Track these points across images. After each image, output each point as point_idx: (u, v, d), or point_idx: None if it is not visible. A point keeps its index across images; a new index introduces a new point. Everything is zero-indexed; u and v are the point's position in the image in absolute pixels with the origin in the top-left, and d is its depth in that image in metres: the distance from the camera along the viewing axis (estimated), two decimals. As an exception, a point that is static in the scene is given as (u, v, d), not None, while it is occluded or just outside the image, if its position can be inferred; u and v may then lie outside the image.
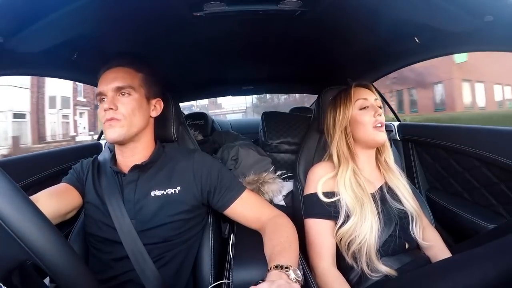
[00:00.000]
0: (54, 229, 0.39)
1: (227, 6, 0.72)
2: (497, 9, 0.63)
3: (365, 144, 0.84)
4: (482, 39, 0.78)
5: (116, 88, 0.70)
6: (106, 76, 0.72)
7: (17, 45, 0.69)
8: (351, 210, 0.75)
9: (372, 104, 0.84)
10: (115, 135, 0.68)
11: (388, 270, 0.70)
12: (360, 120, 0.82)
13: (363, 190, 0.77)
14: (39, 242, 0.36)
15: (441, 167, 1.20)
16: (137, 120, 0.71)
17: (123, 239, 0.65)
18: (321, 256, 0.74)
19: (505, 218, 0.94)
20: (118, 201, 0.69)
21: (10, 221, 0.35)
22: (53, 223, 0.59)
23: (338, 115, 0.86)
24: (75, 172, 0.78)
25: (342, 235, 0.74)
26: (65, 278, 0.38)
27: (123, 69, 0.72)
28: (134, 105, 0.70)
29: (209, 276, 0.75)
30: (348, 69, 1.43)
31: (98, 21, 0.74)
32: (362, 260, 0.71)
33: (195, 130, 1.59)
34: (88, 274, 0.41)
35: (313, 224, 0.79)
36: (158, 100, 0.79)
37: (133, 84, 0.72)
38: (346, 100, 0.85)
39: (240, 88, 2.06)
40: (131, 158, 0.74)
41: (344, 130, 0.85)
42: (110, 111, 0.68)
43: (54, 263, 0.37)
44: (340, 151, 0.84)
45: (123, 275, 0.66)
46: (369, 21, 0.84)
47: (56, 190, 0.71)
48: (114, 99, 0.69)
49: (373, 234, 0.72)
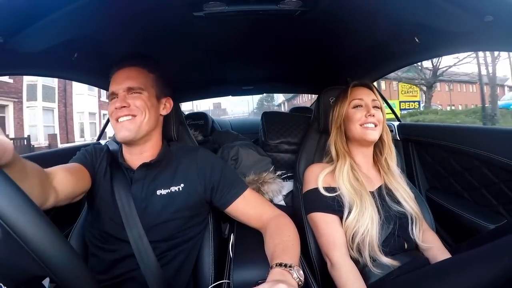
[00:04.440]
0: (72, 248, 0.40)
1: (227, 6, 0.72)
2: (497, 9, 0.63)
3: (356, 141, 0.86)
4: (482, 39, 0.78)
5: (128, 88, 0.70)
6: (119, 75, 0.72)
7: (17, 45, 0.69)
8: (351, 203, 0.76)
9: (367, 104, 0.85)
10: (126, 134, 0.69)
11: (390, 262, 0.71)
12: (351, 117, 0.85)
13: (361, 184, 0.79)
14: (60, 263, 0.37)
15: (441, 167, 1.20)
16: (148, 118, 0.71)
17: (130, 236, 0.65)
18: (335, 245, 0.74)
19: (505, 218, 0.94)
20: (128, 197, 0.69)
21: (32, 244, 0.35)
22: (63, 203, 0.59)
23: (335, 112, 0.90)
24: (88, 154, 0.74)
25: (347, 228, 0.75)
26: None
27: (135, 69, 0.73)
28: (145, 104, 0.71)
29: (209, 276, 0.75)
30: (348, 69, 1.43)
31: (98, 21, 0.74)
32: (365, 252, 0.72)
33: (195, 130, 1.59)
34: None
35: (321, 216, 0.79)
36: (168, 99, 0.80)
37: (145, 85, 0.72)
38: (343, 98, 0.88)
39: (240, 88, 2.06)
40: (139, 156, 0.74)
41: (339, 127, 0.88)
42: (124, 109, 0.68)
43: (72, 282, 0.38)
44: (338, 146, 0.87)
45: (126, 274, 0.66)
46: (369, 21, 0.84)
47: (71, 169, 0.66)
48: (125, 97, 0.70)
49: (374, 225, 0.73)
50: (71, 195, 0.62)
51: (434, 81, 10.35)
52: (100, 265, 0.68)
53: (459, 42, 0.87)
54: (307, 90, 2.34)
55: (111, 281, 0.66)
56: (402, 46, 1.03)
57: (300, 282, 0.52)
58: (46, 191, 0.53)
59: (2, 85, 10.39)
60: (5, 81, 10.44)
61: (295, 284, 0.50)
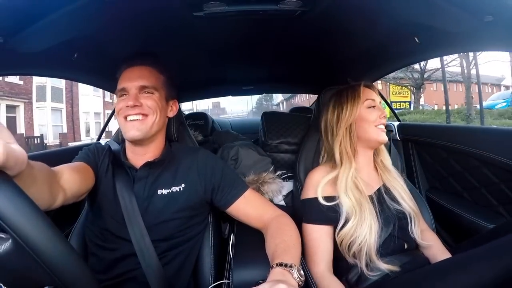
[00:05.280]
0: (82, 260, 0.40)
1: (227, 6, 0.72)
2: (497, 9, 0.63)
3: (367, 143, 0.84)
4: (482, 39, 0.78)
5: (141, 86, 0.70)
6: (130, 73, 0.72)
7: (17, 45, 0.69)
8: (350, 212, 0.75)
9: (378, 105, 0.84)
10: (136, 133, 0.69)
11: (389, 267, 0.70)
12: (366, 118, 0.82)
13: (361, 192, 0.78)
14: (68, 272, 0.37)
15: (441, 167, 1.20)
16: (158, 120, 0.72)
17: (131, 234, 0.65)
18: (315, 261, 0.75)
19: (505, 218, 0.94)
20: (131, 196, 0.69)
21: (44, 256, 0.35)
22: (70, 202, 0.60)
23: (344, 112, 0.84)
24: (90, 153, 0.75)
25: (343, 237, 0.74)
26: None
27: (147, 68, 0.73)
28: (157, 104, 0.71)
29: (209, 276, 0.75)
30: (348, 69, 1.43)
31: (98, 21, 0.74)
32: (362, 260, 0.71)
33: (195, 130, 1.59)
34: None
35: (311, 230, 0.78)
36: (174, 101, 0.81)
37: (157, 86, 0.72)
38: (354, 97, 0.83)
39: (240, 88, 2.06)
40: (142, 156, 0.74)
41: (349, 128, 0.83)
42: (136, 108, 0.69)
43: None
44: (344, 150, 0.82)
45: (126, 274, 0.66)
46: (369, 21, 0.84)
47: (76, 168, 0.66)
48: (137, 96, 0.70)
49: (372, 235, 0.72)
50: (77, 193, 0.62)
51: (422, 83, 10.71)
52: (100, 265, 0.68)
53: (459, 42, 0.87)
54: (307, 90, 2.35)
55: (111, 280, 0.66)
56: (402, 46, 1.03)
57: (301, 282, 0.52)
58: (55, 191, 0.54)
59: (13, 87, 10.83)
60: (16, 83, 10.92)
61: (295, 284, 0.50)
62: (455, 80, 10.19)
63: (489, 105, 9.94)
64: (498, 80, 20.34)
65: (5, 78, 10.11)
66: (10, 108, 10.87)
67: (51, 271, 0.35)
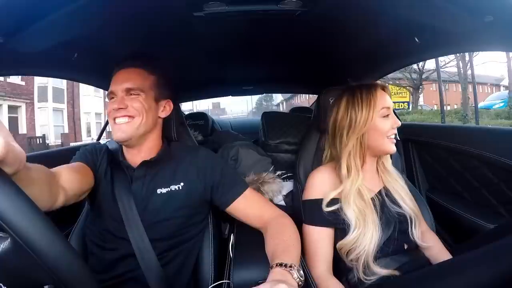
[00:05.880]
0: (80, 258, 0.40)
1: (227, 6, 0.72)
2: (497, 9, 0.63)
3: (373, 153, 0.80)
4: (482, 39, 0.78)
5: (127, 89, 0.70)
6: (119, 75, 0.73)
7: (17, 45, 0.69)
8: (354, 223, 0.73)
9: (392, 114, 0.78)
10: (122, 135, 0.69)
11: (386, 272, 0.69)
12: (380, 128, 0.76)
13: (365, 202, 0.75)
14: (70, 272, 0.37)
15: (441, 167, 1.20)
16: (145, 121, 0.71)
17: (130, 234, 0.65)
18: (315, 263, 0.74)
19: (505, 218, 0.94)
20: (128, 196, 0.69)
21: (42, 255, 0.35)
22: (72, 201, 0.60)
23: (358, 119, 0.76)
24: (88, 153, 0.75)
25: (343, 245, 0.73)
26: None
27: (135, 70, 0.73)
28: (142, 106, 0.71)
29: (209, 276, 0.75)
30: (348, 69, 1.43)
31: (98, 21, 0.74)
32: (359, 266, 0.71)
33: (195, 130, 1.59)
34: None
35: (311, 231, 0.77)
36: (168, 101, 0.79)
37: (143, 87, 0.72)
38: (370, 103, 0.76)
39: (240, 88, 2.06)
40: (138, 155, 0.75)
41: (361, 137, 0.77)
42: (121, 110, 0.69)
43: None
44: (352, 162, 0.77)
45: (126, 274, 0.66)
46: (369, 21, 0.84)
47: (75, 168, 0.67)
48: (123, 99, 0.70)
49: (372, 244, 0.71)
50: (78, 193, 0.63)
51: (421, 83, 10.85)
52: (100, 265, 0.68)
53: (459, 42, 0.87)
54: (307, 90, 2.35)
55: (111, 281, 0.66)
56: (402, 46, 1.03)
57: (301, 282, 0.52)
58: (55, 192, 0.54)
59: (15, 87, 10.92)
60: (18, 83, 11.05)
61: (295, 284, 0.50)
62: (454, 81, 10.25)
63: (486, 105, 9.99)
64: (497, 80, 20.34)
65: (7, 79, 10.21)
66: (12, 109, 10.98)
67: (50, 270, 0.35)
